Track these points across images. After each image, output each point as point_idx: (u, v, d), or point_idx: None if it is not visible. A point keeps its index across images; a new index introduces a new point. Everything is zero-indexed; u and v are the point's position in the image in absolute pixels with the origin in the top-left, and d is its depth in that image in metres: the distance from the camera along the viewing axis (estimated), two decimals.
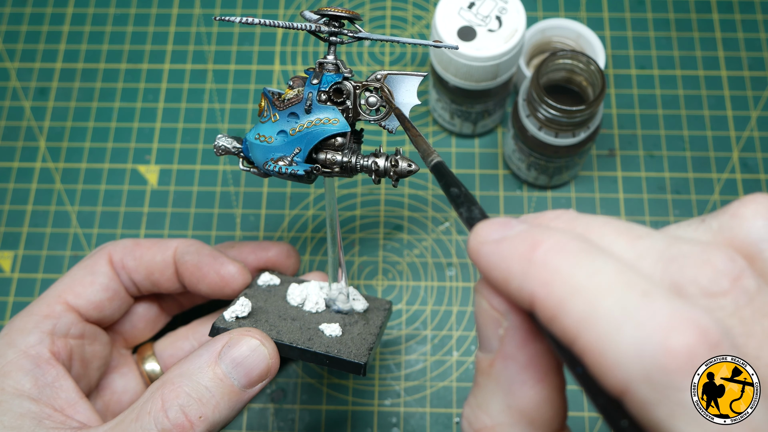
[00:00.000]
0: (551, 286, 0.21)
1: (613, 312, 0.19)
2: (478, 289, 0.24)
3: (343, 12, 0.37)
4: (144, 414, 0.34)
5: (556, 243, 0.21)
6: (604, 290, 0.20)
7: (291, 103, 0.38)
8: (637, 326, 0.19)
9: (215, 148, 0.41)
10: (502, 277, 0.22)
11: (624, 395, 0.19)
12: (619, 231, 0.22)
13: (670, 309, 0.19)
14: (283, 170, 0.37)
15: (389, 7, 0.64)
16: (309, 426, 0.51)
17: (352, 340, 0.40)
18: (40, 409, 0.36)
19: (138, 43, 0.64)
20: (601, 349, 0.19)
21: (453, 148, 0.59)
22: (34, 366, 0.38)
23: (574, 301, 0.20)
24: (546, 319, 0.21)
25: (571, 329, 0.20)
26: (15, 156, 0.60)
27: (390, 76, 0.37)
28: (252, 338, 0.37)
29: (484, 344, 0.24)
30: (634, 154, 0.58)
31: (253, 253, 0.47)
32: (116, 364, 0.46)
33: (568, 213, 0.23)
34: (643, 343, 0.18)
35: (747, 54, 0.62)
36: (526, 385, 0.23)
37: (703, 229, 0.23)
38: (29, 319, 0.40)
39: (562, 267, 0.21)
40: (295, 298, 0.43)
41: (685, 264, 0.20)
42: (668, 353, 0.18)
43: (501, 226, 0.23)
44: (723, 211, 0.23)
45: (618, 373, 0.19)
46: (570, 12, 0.63)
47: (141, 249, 0.44)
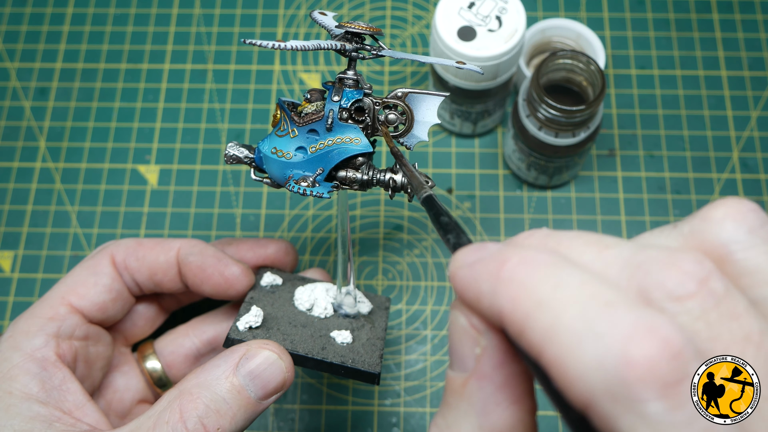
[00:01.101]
0: (517, 300, 0.20)
1: (576, 324, 0.19)
2: (456, 307, 0.24)
3: (367, 29, 0.36)
4: (162, 423, 0.34)
5: (523, 258, 0.21)
6: (567, 302, 0.19)
7: (311, 120, 0.37)
8: (598, 338, 0.18)
9: (225, 157, 0.40)
10: (474, 297, 0.22)
11: (587, 409, 0.19)
12: (588, 242, 0.22)
13: (631, 318, 0.18)
14: (306, 192, 0.37)
15: (389, 7, 0.64)
16: (309, 426, 0.51)
17: (363, 347, 0.40)
18: (50, 412, 0.36)
19: (138, 43, 0.64)
20: (564, 363, 0.19)
21: (453, 148, 0.59)
22: (40, 369, 0.38)
23: (539, 315, 0.20)
24: (514, 335, 0.21)
25: (536, 343, 0.20)
26: (15, 156, 0.60)
27: (411, 94, 0.37)
28: (269, 351, 0.37)
29: (457, 363, 0.24)
30: (634, 154, 0.58)
31: (251, 250, 0.47)
32: (117, 362, 0.46)
33: (541, 231, 0.23)
34: (604, 354, 0.18)
35: (747, 54, 0.62)
36: (500, 407, 0.23)
37: (674, 235, 0.23)
38: (33, 322, 0.40)
39: (527, 281, 0.20)
40: (303, 303, 0.43)
41: (651, 269, 0.20)
42: (628, 364, 0.18)
43: (477, 250, 0.23)
44: (694, 216, 0.23)
45: (580, 386, 0.19)
46: (570, 12, 0.64)
47: (144, 249, 0.44)
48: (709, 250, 0.22)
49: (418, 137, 0.38)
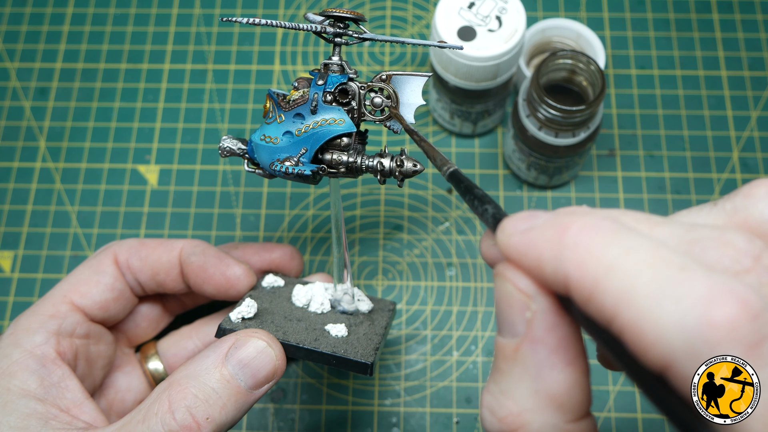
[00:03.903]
0: (585, 266, 0.20)
1: (652, 288, 0.19)
2: (501, 273, 0.24)
3: (348, 13, 0.37)
4: (151, 415, 0.34)
5: (586, 224, 0.21)
6: (640, 267, 0.20)
7: (296, 104, 0.38)
8: (677, 300, 0.19)
9: (220, 149, 0.41)
10: (535, 264, 0.22)
11: (666, 370, 0.19)
12: (638, 219, 0.22)
13: (708, 282, 0.19)
14: (289, 170, 0.37)
15: (389, 7, 0.64)
16: (309, 426, 0.51)
17: (358, 341, 0.40)
18: (47, 410, 0.36)
19: (138, 43, 0.64)
20: (641, 326, 0.19)
21: (453, 148, 0.59)
22: (40, 366, 0.38)
23: (611, 280, 0.20)
24: (582, 300, 0.21)
25: (609, 308, 0.20)
26: (15, 156, 0.60)
27: (395, 76, 0.38)
28: (259, 339, 0.37)
29: (506, 329, 0.24)
30: (634, 154, 0.58)
31: (256, 254, 0.47)
32: (119, 363, 0.46)
33: (583, 207, 0.23)
34: (684, 316, 0.18)
35: (747, 54, 0.62)
36: (555, 369, 0.23)
37: (716, 213, 0.24)
38: (35, 319, 0.40)
39: (594, 246, 0.21)
40: (300, 299, 0.43)
41: (707, 246, 0.21)
42: (711, 325, 0.18)
43: (527, 218, 0.23)
44: (735, 193, 0.24)
45: (660, 348, 0.19)
46: (570, 12, 0.64)
47: (146, 249, 0.44)
48: (753, 226, 0.23)
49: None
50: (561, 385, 0.23)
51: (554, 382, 0.23)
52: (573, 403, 0.23)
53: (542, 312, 0.23)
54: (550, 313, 0.23)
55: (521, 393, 0.23)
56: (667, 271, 0.19)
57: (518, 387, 0.23)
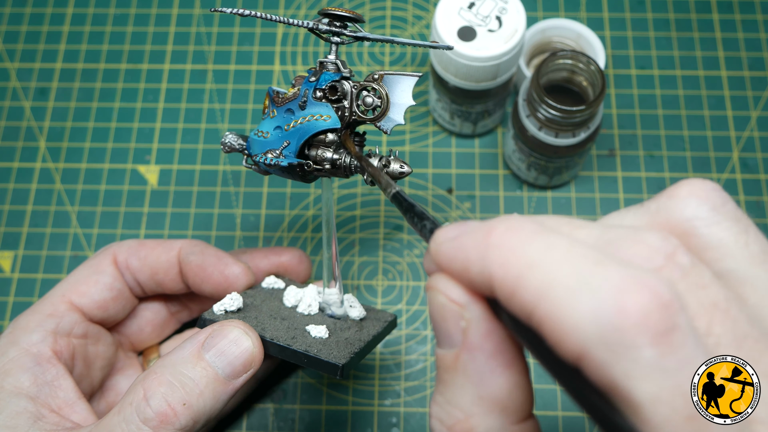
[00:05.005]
0: (508, 264, 0.21)
1: (569, 280, 0.20)
2: (433, 285, 0.24)
3: (346, 12, 0.37)
4: (126, 405, 0.34)
5: (510, 226, 0.22)
6: (559, 262, 0.20)
7: (289, 100, 0.38)
8: (593, 291, 0.19)
9: (222, 144, 0.41)
10: (461, 267, 0.23)
11: (581, 360, 0.20)
12: (561, 222, 0.23)
13: (622, 274, 0.20)
14: (268, 161, 0.38)
15: (389, 7, 0.64)
16: (309, 426, 0.51)
17: (336, 344, 0.39)
18: (37, 409, 0.36)
19: (138, 43, 0.64)
20: (558, 317, 0.20)
21: (453, 148, 0.59)
22: (34, 364, 0.38)
23: (531, 275, 0.21)
24: (505, 298, 0.21)
25: (529, 302, 0.20)
26: (15, 156, 0.60)
27: (386, 76, 0.38)
28: (235, 328, 0.37)
29: (444, 340, 0.24)
30: (634, 154, 0.58)
31: (265, 257, 0.47)
32: (122, 366, 0.46)
33: (513, 215, 0.24)
34: (599, 306, 0.19)
35: (747, 54, 0.62)
36: (495, 373, 0.23)
37: (641, 213, 0.25)
38: (33, 318, 0.40)
39: (516, 245, 0.21)
40: (290, 300, 0.43)
41: (621, 245, 0.21)
42: (622, 313, 0.19)
43: (458, 227, 0.24)
44: (661, 194, 0.25)
45: (575, 337, 0.19)
46: (570, 12, 0.64)
47: (145, 249, 0.44)
48: (674, 226, 0.24)
49: (394, 120, 0.38)
50: (502, 389, 0.23)
51: (495, 386, 0.23)
52: (516, 405, 0.23)
53: (476, 320, 0.23)
54: (483, 320, 0.23)
55: (466, 400, 0.24)
56: (584, 265, 0.20)
57: (462, 395, 0.24)
